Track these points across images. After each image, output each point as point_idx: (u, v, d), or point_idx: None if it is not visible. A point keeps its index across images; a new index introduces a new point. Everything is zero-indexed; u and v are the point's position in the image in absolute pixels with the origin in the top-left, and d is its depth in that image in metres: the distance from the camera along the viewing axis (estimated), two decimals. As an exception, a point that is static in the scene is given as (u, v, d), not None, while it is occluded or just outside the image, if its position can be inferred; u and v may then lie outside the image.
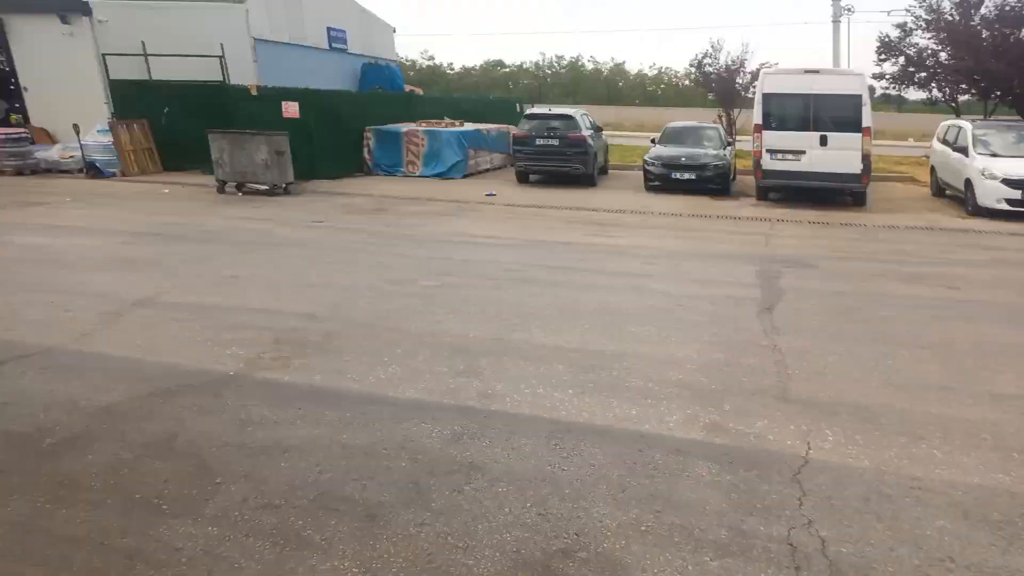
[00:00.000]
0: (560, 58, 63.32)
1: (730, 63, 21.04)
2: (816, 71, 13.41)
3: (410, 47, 77.97)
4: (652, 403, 4.32)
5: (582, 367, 4.86)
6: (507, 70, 62.96)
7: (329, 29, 22.16)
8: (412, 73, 45.29)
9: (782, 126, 13.27)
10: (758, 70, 20.82)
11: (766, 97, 13.35)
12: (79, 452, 3.60)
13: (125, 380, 4.49)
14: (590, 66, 61.78)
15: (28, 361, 4.79)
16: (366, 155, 17.05)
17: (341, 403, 4.21)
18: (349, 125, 16.40)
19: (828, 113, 12.90)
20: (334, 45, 22.54)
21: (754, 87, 20.57)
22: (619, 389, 4.52)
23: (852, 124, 12.69)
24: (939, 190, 15.19)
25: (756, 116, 13.51)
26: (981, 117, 19.33)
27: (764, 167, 13.55)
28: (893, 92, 24.62)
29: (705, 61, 24.16)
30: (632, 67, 63.08)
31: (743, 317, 6.22)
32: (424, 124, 17.62)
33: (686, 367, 4.93)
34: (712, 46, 23.40)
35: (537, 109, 18.63)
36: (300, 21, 20.39)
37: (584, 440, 3.80)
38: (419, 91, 28.11)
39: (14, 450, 3.62)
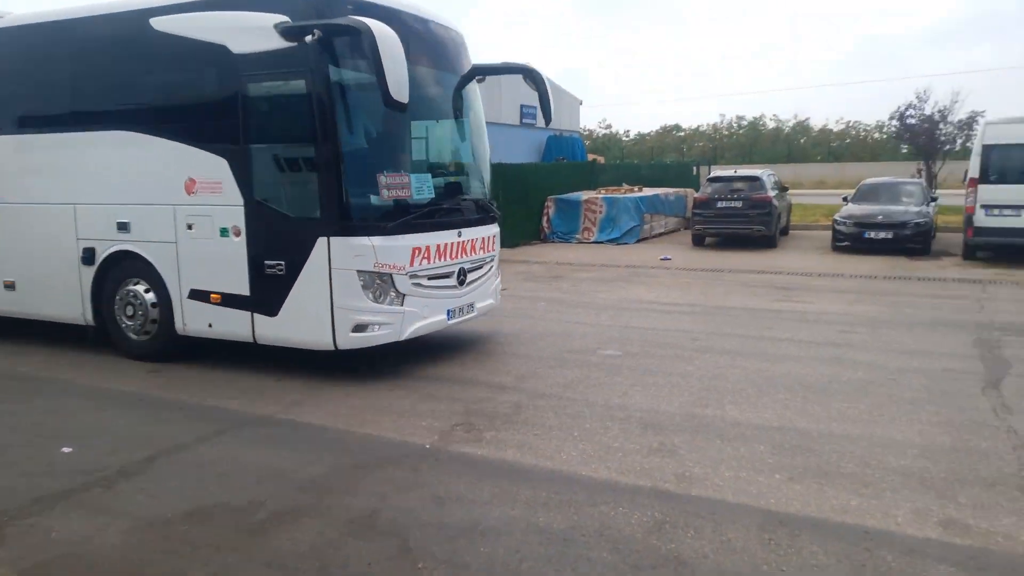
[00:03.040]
0: (740, 118, 62.03)
1: (936, 113, 19.67)
2: None
3: (589, 117, 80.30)
4: (873, 492, 3.99)
5: (786, 448, 4.62)
6: (682, 134, 62.57)
7: (522, 107, 23.60)
8: (589, 142, 46.51)
9: (1002, 179, 12.19)
10: (968, 119, 19.34)
11: (987, 149, 12.39)
12: (287, 528, 3.76)
13: (330, 451, 4.81)
14: (772, 124, 59.80)
15: (245, 430, 5.30)
16: (544, 223, 17.72)
17: (534, 481, 4.26)
18: (533, 195, 17.33)
19: None
20: (524, 121, 23.98)
21: (962, 138, 19.12)
22: (832, 475, 4.22)
23: None
24: None
25: (973, 169, 12.55)
26: None
27: (976, 224, 12.43)
28: None
29: (908, 112, 22.74)
30: (816, 122, 60.22)
31: (965, 393, 5.66)
32: (604, 191, 18.09)
33: (907, 452, 4.53)
34: (918, 96, 22.02)
35: (720, 171, 18.53)
36: (499, 101, 21.88)
37: (801, 534, 3.56)
38: (600, 160, 28.91)
39: (230, 524, 3.84)
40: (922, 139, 21.95)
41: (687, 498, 3.99)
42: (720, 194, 15.40)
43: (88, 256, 6.95)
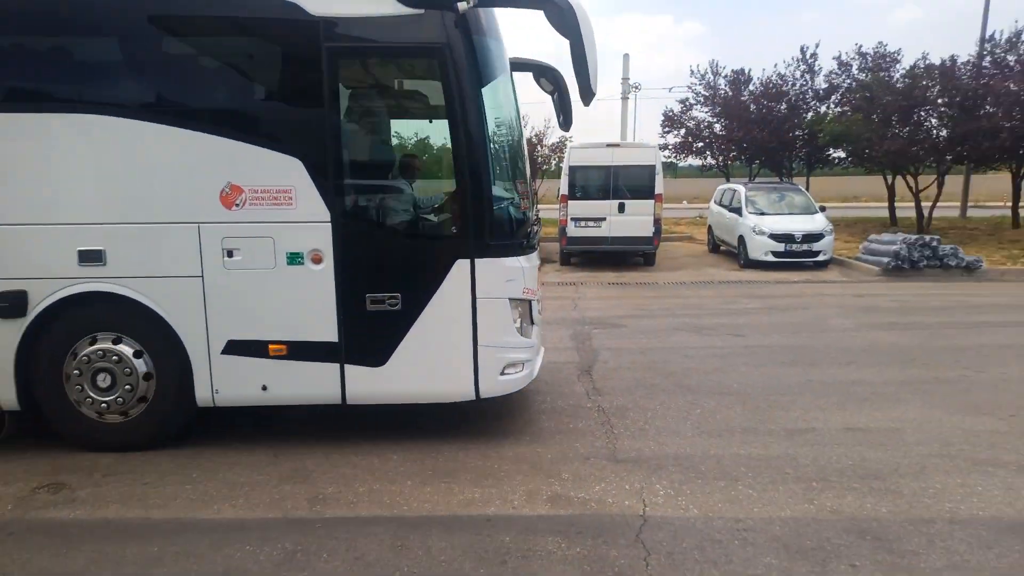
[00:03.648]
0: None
1: (533, 136, 22.59)
2: (616, 144, 15.07)
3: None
4: (493, 482, 4.36)
5: (415, 454, 4.80)
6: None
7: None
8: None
9: (586, 195, 14.60)
10: (559, 142, 22.50)
11: (572, 170, 14.68)
12: None
13: None
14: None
15: None
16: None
17: (144, 536, 3.76)
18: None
19: (625, 182, 14.46)
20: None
21: (553, 159, 22.26)
22: (457, 472, 4.51)
23: (646, 192, 14.33)
24: (715, 247, 17.28)
25: (563, 187, 14.76)
26: (747, 180, 22.46)
27: (569, 234, 14.72)
28: (672, 160, 27.91)
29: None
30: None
31: (565, 381, 6.53)
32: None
33: (521, 439, 5.06)
34: None
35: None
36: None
37: (431, 534, 3.73)
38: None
39: None
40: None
41: (321, 521, 3.90)
42: None
43: (10, 305, 4.58)
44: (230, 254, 4.57)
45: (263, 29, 4.55)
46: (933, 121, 19.21)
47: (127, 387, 4.73)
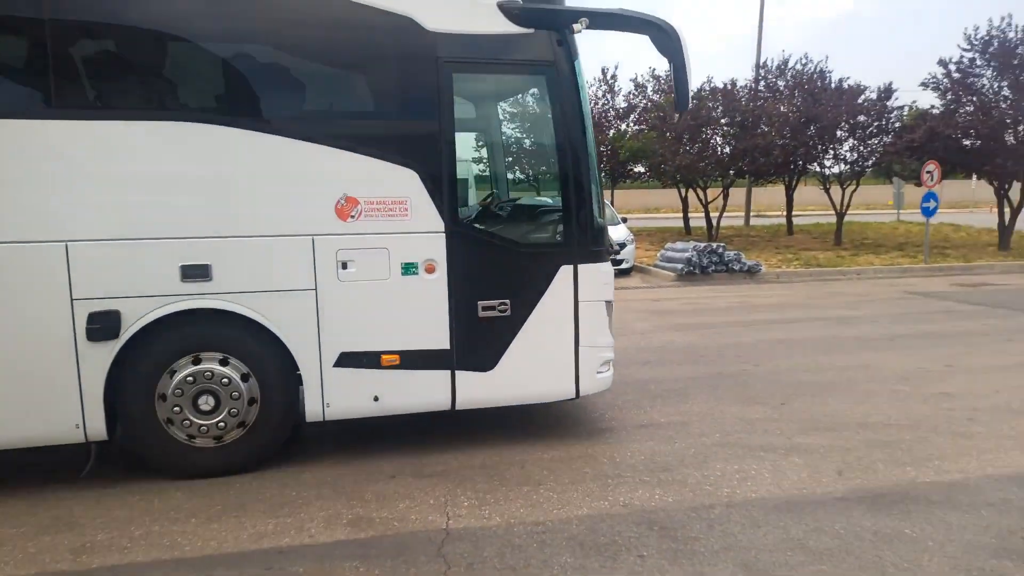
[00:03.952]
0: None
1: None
2: None
3: None
4: (289, 511, 4.14)
5: (201, 487, 4.45)
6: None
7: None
8: None
9: None
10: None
11: None
12: None
13: None
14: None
15: None
16: None
17: None
18: None
19: None
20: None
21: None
22: (248, 506, 4.24)
23: None
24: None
25: None
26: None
27: None
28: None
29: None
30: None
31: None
32: None
33: (320, 464, 4.86)
34: None
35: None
36: None
37: (213, 574, 3.46)
38: None
39: None
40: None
41: (86, 574, 3.49)
42: None
43: (102, 327, 4.22)
44: (344, 266, 4.56)
45: (380, 43, 4.60)
46: (718, 139, 21.26)
47: (232, 410, 4.52)
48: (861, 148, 19.84)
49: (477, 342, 4.85)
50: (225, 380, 4.49)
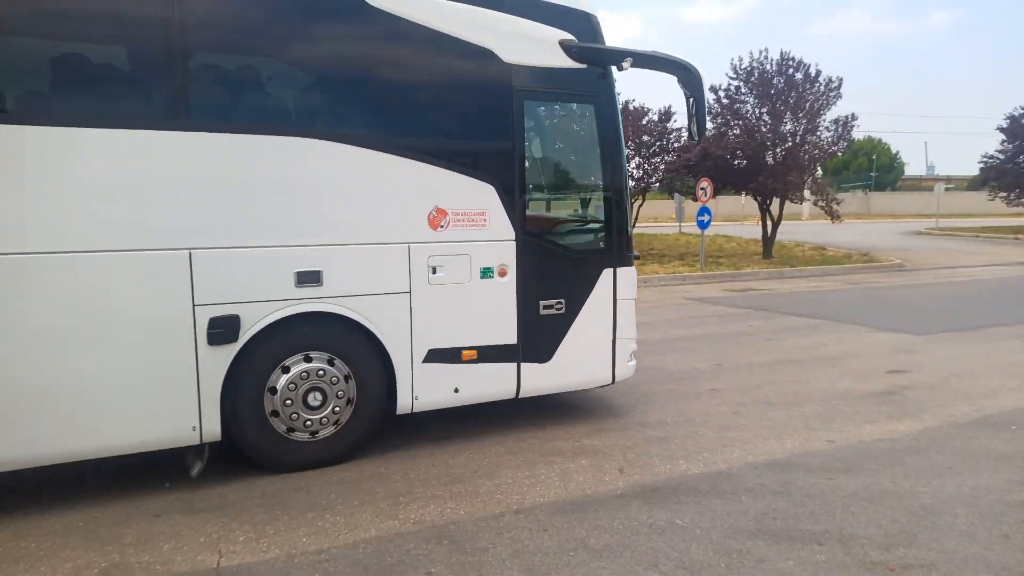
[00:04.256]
0: None
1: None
2: None
3: None
4: (26, 566, 3.59)
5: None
6: None
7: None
8: None
9: None
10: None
11: None
12: None
13: None
14: None
15: None
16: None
17: None
18: None
19: None
20: None
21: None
22: (-26, 564, 3.63)
23: None
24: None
25: None
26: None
27: None
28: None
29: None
30: None
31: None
32: None
33: (73, 509, 4.29)
34: None
35: None
36: None
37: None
38: None
39: None
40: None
41: None
42: None
43: (223, 331, 4.37)
44: (434, 271, 5.06)
45: (467, 72, 5.18)
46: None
47: (335, 407, 4.87)
48: (646, 166, 21.48)
49: (538, 337, 5.53)
50: (334, 379, 4.85)
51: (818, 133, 19.76)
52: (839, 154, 22.68)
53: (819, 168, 23.38)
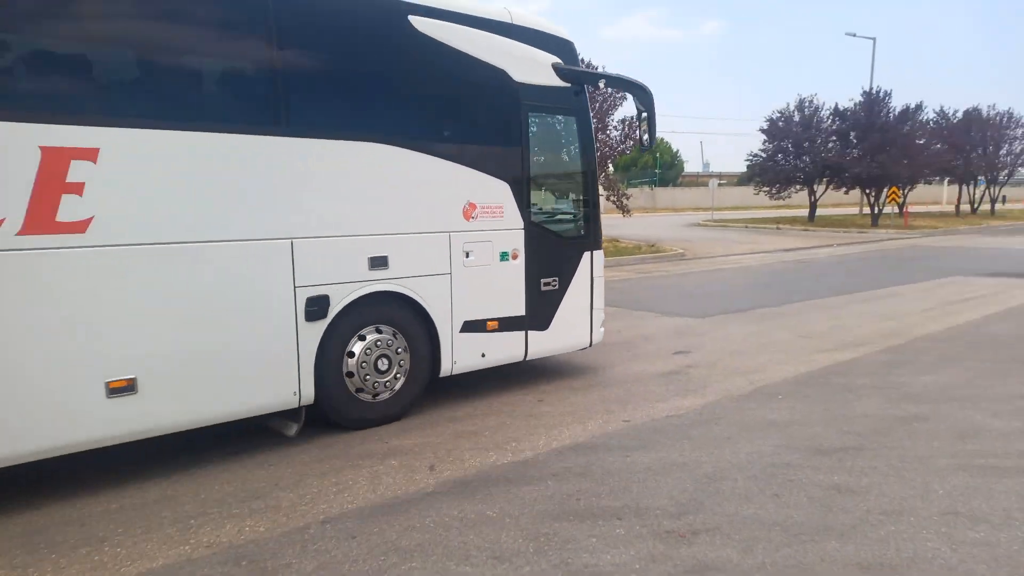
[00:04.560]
0: None
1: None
2: None
3: None
4: None
5: None
6: None
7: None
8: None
9: None
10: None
11: None
12: None
13: None
14: None
15: None
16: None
17: None
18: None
19: None
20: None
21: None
22: None
23: None
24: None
25: None
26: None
27: None
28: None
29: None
30: None
31: None
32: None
33: None
34: None
35: None
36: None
37: None
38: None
39: None
40: None
41: None
42: None
43: (317, 308, 5.26)
44: (467, 255, 6.12)
45: (489, 88, 6.24)
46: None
47: (397, 374, 5.83)
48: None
49: (540, 309, 6.67)
50: (398, 349, 5.79)
51: (608, 132, 21.03)
52: (627, 152, 24.28)
53: (610, 165, 24.92)
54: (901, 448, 5.07)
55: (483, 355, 6.33)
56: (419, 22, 5.74)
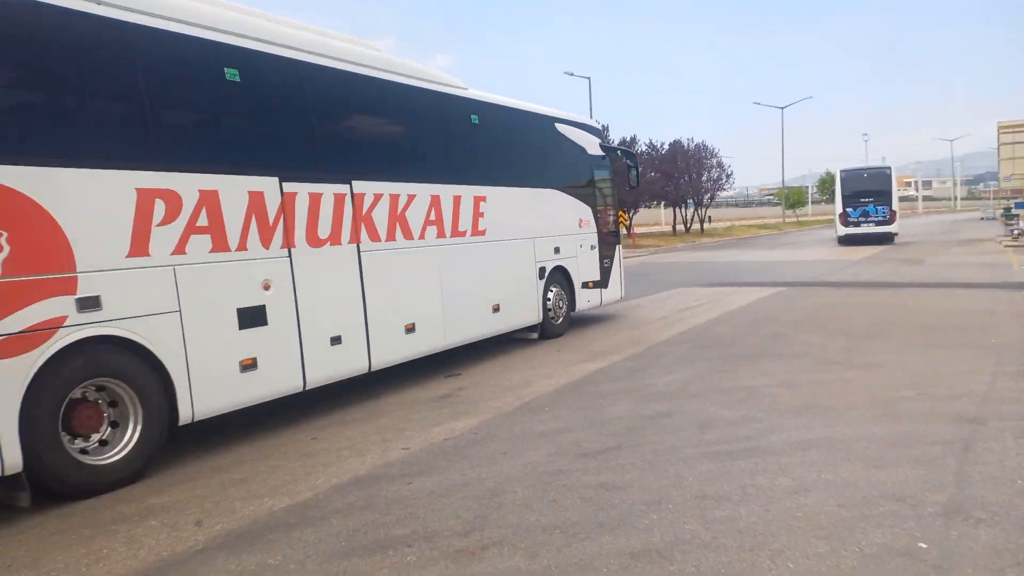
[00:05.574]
0: None
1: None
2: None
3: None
4: None
5: None
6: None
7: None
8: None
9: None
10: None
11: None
12: None
13: None
14: None
15: None
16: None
17: None
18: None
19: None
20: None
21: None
22: None
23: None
24: None
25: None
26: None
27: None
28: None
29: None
30: None
31: None
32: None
33: None
34: None
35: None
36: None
37: None
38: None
39: None
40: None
41: None
42: None
43: (541, 272, 10.76)
44: (580, 246, 11.84)
45: (581, 157, 12.21)
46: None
47: (561, 305, 11.46)
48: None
49: (604, 276, 12.53)
50: (559, 294, 11.43)
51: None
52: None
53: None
54: (653, 443, 5.69)
55: (588, 301, 12.07)
56: (558, 126, 11.59)
